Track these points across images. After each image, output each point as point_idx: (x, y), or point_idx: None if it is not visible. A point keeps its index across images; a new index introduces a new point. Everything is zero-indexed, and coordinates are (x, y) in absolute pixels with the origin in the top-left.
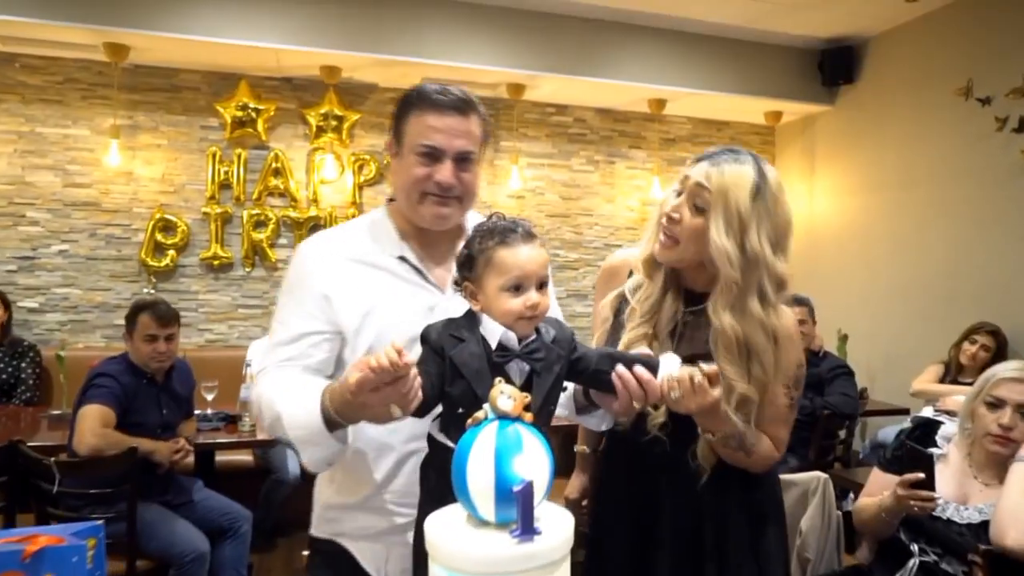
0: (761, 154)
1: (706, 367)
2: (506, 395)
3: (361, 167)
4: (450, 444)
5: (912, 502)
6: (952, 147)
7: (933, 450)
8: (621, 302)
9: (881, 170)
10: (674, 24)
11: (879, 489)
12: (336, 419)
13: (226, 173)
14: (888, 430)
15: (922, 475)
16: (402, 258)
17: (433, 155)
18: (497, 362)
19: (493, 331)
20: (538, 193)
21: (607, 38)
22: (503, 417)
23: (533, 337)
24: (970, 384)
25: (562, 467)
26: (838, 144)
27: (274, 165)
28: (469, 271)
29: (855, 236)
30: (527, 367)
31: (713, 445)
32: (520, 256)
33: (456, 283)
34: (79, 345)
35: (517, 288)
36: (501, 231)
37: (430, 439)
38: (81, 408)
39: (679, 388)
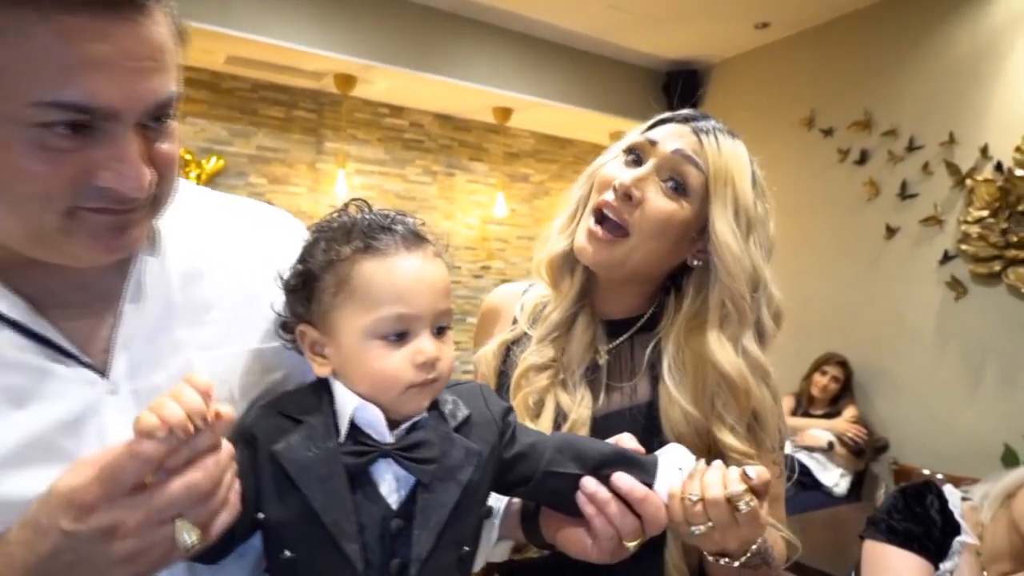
0: None
1: (753, 472)
2: None
3: None
4: None
5: None
6: (797, 177)
7: (965, 537)
8: (508, 349)
9: None
10: (524, 26)
11: (904, 572)
12: None
13: None
14: None
15: None
16: None
17: (88, 128)
18: (350, 463)
19: (344, 405)
20: None
21: (451, 33)
22: None
23: (420, 417)
24: (822, 416)
25: None
26: None
27: None
28: (305, 304)
29: None
30: (410, 477)
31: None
32: (403, 273)
33: (283, 328)
34: None
35: (401, 335)
36: (367, 229)
37: None
38: None
39: (709, 517)
